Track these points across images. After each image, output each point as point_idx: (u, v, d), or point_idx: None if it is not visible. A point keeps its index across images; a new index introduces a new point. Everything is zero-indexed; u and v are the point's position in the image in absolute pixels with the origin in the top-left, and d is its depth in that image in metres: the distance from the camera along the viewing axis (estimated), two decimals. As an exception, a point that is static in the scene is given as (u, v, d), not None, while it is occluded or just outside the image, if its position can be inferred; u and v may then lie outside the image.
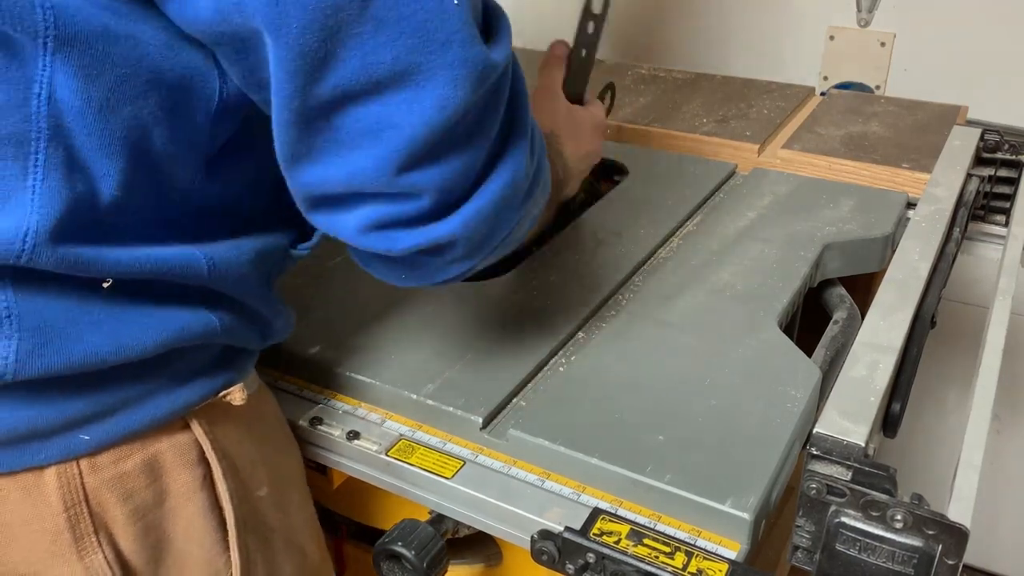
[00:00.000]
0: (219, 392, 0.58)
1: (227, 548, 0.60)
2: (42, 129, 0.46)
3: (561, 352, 0.74)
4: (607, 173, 1.12)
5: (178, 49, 0.49)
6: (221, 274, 0.55)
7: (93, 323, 0.51)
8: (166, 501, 0.57)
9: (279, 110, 0.48)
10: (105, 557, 0.54)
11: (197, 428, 0.57)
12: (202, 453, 0.58)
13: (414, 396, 0.68)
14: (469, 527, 0.66)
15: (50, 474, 0.52)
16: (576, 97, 0.89)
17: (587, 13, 0.87)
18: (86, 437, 0.52)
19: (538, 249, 0.90)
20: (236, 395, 0.59)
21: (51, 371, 0.49)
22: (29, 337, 0.49)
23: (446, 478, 0.63)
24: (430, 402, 0.67)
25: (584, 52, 0.88)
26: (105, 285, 0.51)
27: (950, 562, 0.50)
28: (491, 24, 0.53)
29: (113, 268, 0.50)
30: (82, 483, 0.53)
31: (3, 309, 0.48)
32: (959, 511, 0.54)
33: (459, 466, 0.64)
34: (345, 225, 0.54)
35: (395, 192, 0.51)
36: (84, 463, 0.53)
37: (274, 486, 0.63)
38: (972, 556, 1.53)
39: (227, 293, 0.57)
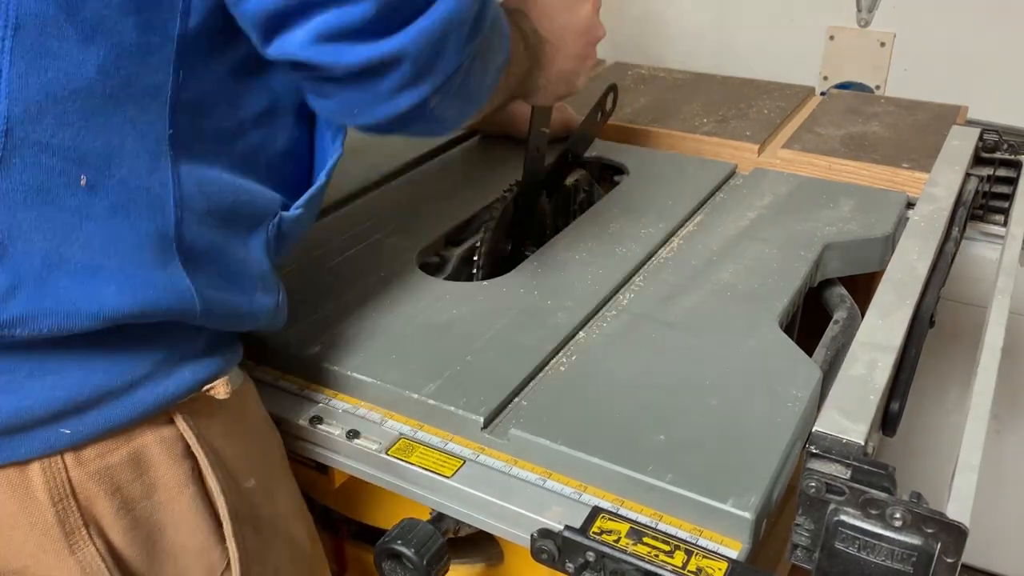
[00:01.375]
0: (203, 386, 0.58)
1: (221, 539, 0.60)
2: (9, 16, 0.47)
3: (562, 352, 0.74)
4: (607, 173, 1.12)
5: None
6: (195, 209, 0.56)
7: (71, 271, 0.51)
8: (155, 494, 0.57)
9: None
10: (97, 550, 0.54)
11: (181, 423, 0.58)
12: (188, 447, 0.58)
13: (415, 396, 0.68)
14: (470, 526, 0.66)
15: (34, 469, 0.52)
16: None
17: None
18: (67, 431, 0.53)
19: (538, 249, 0.90)
20: (220, 389, 0.59)
21: (42, 316, 0.50)
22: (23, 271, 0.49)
23: (446, 477, 0.63)
24: (431, 402, 0.67)
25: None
26: (82, 183, 0.51)
27: (949, 560, 0.50)
28: None
29: (83, 163, 0.51)
30: (68, 477, 0.53)
31: None
32: (957, 512, 0.54)
33: (459, 465, 0.64)
34: (294, 42, 0.54)
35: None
36: (69, 457, 0.53)
37: (261, 477, 0.63)
38: (972, 556, 1.53)
39: (202, 248, 0.57)
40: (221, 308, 0.58)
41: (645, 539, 0.56)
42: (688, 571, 0.54)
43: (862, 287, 0.95)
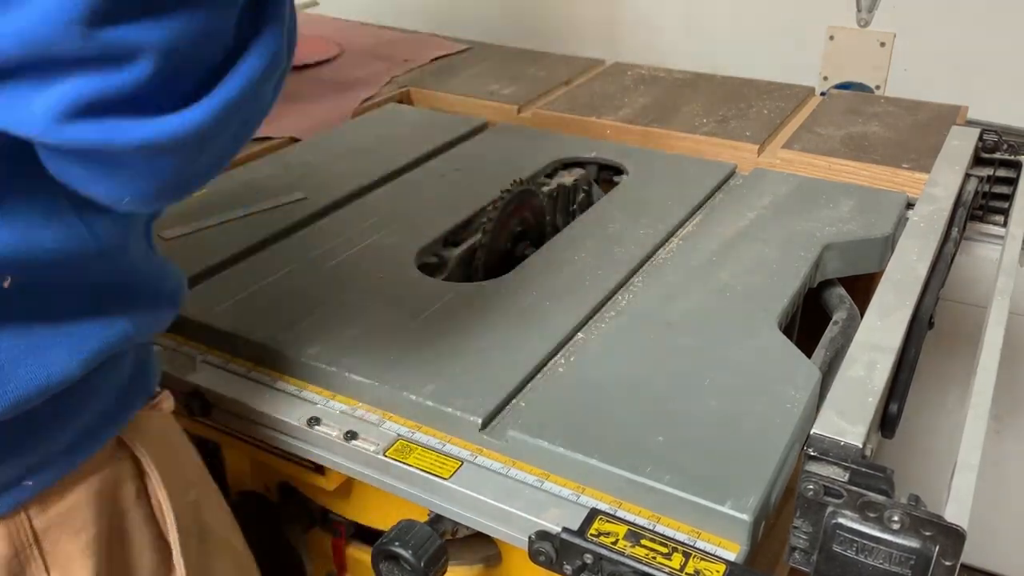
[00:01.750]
0: (148, 401, 0.57)
1: (168, 556, 0.59)
2: None
3: (561, 352, 0.74)
4: (607, 173, 1.12)
5: None
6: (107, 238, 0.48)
7: (12, 360, 0.47)
8: (113, 519, 0.56)
9: None
10: None
11: (132, 442, 0.56)
12: (136, 467, 0.57)
13: (413, 397, 0.68)
14: (468, 528, 0.66)
15: None
16: None
17: None
18: (29, 483, 0.51)
19: (537, 249, 0.90)
20: (164, 403, 0.57)
21: None
22: None
23: (443, 478, 0.63)
24: (429, 403, 0.67)
25: None
26: (5, 285, 0.45)
27: (947, 563, 0.50)
28: None
29: None
30: (31, 526, 0.52)
31: None
32: (956, 512, 0.54)
33: (457, 466, 0.64)
34: (32, 112, 0.38)
35: (98, 56, 0.36)
36: (32, 508, 0.52)
37: (197, 489, 0.62)
38: (972, 556, 1.52)
39: (119, 268, 0.51)
40: (147, 322, 0.55)
41: (643, 541, 0.56)
42: (686, 573, 0.54)
43: (862, 288, 0.95)
